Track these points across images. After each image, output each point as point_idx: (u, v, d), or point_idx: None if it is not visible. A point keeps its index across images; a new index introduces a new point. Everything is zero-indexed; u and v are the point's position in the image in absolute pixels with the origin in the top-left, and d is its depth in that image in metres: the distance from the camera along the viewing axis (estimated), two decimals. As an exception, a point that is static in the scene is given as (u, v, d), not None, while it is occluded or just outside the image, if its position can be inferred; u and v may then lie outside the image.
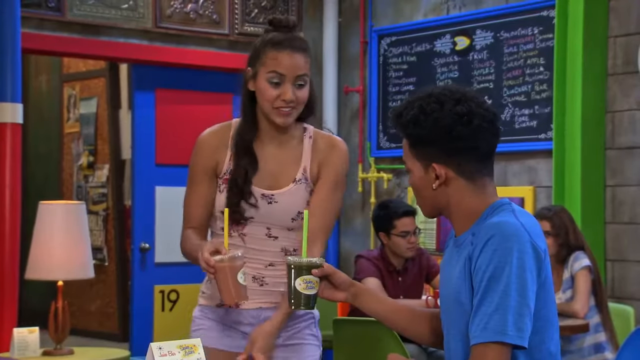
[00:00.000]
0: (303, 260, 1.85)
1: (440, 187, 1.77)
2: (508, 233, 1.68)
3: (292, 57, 2.15)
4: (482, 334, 1.65)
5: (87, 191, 7.01)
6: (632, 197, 4.25)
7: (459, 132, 1.74)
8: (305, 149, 2.21)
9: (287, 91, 2.14)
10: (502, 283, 1.65)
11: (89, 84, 7.02)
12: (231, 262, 1.98)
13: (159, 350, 1.60)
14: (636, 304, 4.14)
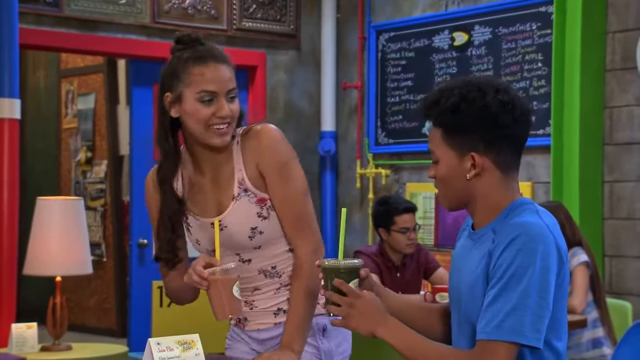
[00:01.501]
0: (341, 263, 1.77)
1: (474, 178, 1.76)
2: (534, 234, 1.68)
3: (219, 70, 1.99)
4: (496, 331, 1.65)
5: (85, 187, 7.01)
6: (630, 193, 4.25)
7: (503, 121, 1.73)
8: (235, 158, 2.04)
9: (223, 107, 1.98)
10: (523, 283, 1.65)
11: (86, 79, 7.01)
12: (225, 274, 1.90)
13: (157, 345, 1.60)
14: (634, 299, 4.14)
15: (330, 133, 5.48)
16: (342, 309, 1.75)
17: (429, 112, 1.80)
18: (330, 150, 5.44)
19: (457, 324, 1.82)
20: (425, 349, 1.73)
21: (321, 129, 5.49)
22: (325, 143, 5.44)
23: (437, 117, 1.78)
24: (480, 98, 1.74)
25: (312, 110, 5.53)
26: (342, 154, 5.53)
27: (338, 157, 5.54)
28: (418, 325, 1.84)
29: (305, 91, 5.52)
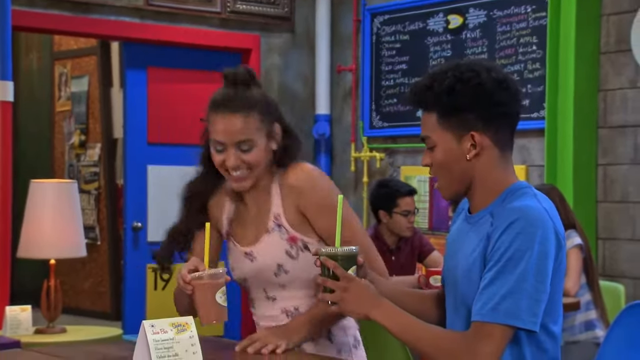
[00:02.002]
0: (338, 250, 1.78)
1: (474, 158, 1.76)
2: (533, 218, 1.68)
3: (228, 122, 1.97)
4: (491, 313, 1.65)
5: (78, 170, 6.99)
6: (624, 176, 4.26)
7: (499, 98, 1.75)
8: (273, 195, 2.03)
9: (229, 158, 1.98)
10: (520, 267, 1.65)
11: (80, 62, 6.98)
12: (211, 279, 1.88)
13: (152, 327, 1.60)
14: (627, 281, 4.16)
15: (324, 116, 5.47)
16: (336, 293, 1.75)
17: (421, 98, 1.79)
18: (325, 133, 5.43)
19: (452, 307, 1.82)
20: (419, 331, 1.74)
21: (315, 112, 5.48)
22: (320, 126, 5.43)
23: (431, 101, 1.77)
24: (474, 77, 1.75)
25: (307, 93, 5.51)
26: (336, 137, 5.53)
27: (332, 140, 5.54)
28: (410, 311, 1.84)
29: (299, 74, 5.50)
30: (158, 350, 1.58)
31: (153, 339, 1.59)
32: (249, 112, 1.98)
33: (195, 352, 1.61)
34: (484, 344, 1.65)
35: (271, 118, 2.02)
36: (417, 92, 1.80)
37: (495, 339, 1.65)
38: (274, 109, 2.05)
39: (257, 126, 1.99)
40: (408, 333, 1.74)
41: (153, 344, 1.58)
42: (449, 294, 1.85)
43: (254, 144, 1.98)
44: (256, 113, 1.99)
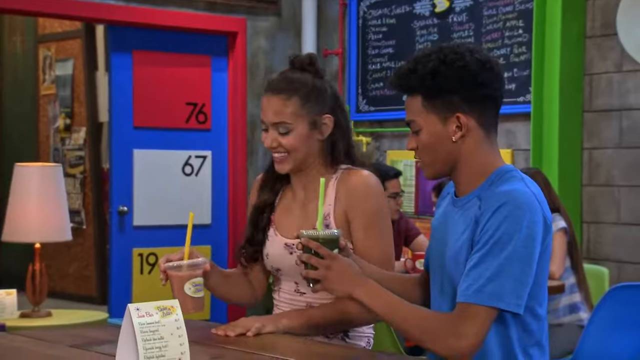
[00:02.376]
0: (320, 233, 1.77)
1: (460, 140, 1.77)
2: (521, 202, 1.69)
3: (269, 102, 2.02)
4: (476, 295, 1.66)
5: (64, 154, 6.96)
6: (608, 160, 4.28)
7: (483, 79, 1.75)
8: (329, 193, 2.04)
9: (267, 137, 2.03)
10: (507, 250, 1.66)
11: (64, 45, 6.93)
12: (177, 270, 1.89)
13: (137, 311, 1.60)
14: (611, 264, 4.19)
15: (311, 100, 5.46)
16: (320, 271, 1.75)
17: (406, 82, 1.79)
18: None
19: (438, 291, 1.82)
20: (403, 311, 1.74)
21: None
22: (306, 110, 5.41)
23: (416, 84, 1.77)
24: (458, 59, 1.75)
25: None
26: (322, 121, 5.51)
27: (319, 124, 5.52)
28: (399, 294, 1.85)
29: (285, 58, 5.46)
30: (143, 333, 1.57)
31: (138, 322, 1.58)
32: (290, 96, 2.01)
33: (181, 336, 1.61)
34: (468, 325, 1.66)
35: (319, 108, 2.03)
36: (401, 76, 1.80)
37: (479, 320, 1.66)
38: (326, 99, 2.04)
39: (296, 111, 2.00)
40: (392, 313, 1.74)
41: (138, 327, 1.57)
42: (434, 277, 1.85)
43: (290, 128, 2.01)
44: (297, 98, 2.01)
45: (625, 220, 4.22)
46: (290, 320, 1.98)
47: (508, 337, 1.73)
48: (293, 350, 1.82)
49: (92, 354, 1.79)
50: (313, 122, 2.03)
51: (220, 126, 5.29)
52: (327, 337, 2.04)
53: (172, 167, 5.12)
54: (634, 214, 4.19)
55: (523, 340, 1.75)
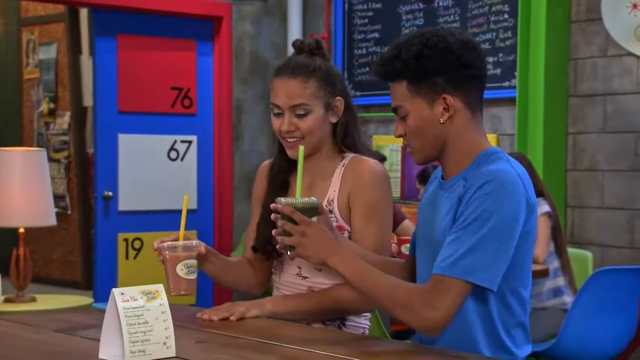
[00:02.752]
0: (298, 201, 1.76)
1: (448, 121, 1.77)
2: (505, 181, 1.70)
3: (285, 85, 2.00)
4: (450, 268, 1.67)
5: (48, 139, 6.92)
6: (593, 144, 4.30)
7: (467, 59, 1.76)
8: (334, 179, 2.04)
9: (284, 122, 2.00)
10: (486, 227, 1.67)
11: (47, 28, 6.87)
12: (171, 251, 1.89)
13: (121, 295, 1.59)
14: (594, 249, 4.22)
15: (296, 85, 5.45)
16: (294, 237, 1.75)
17: (390, 68, 1.79)
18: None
19: (425, 272, 1.82)
20: (377, 281, 1.74)
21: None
22: (292, 95, 5.40)
23: (400, 69, 1.77)
24: (441, 41, 1.76)
25: (279, 61, 5.46)
26: (308, 105, 5.51)
27: (304, 109, 5.52)
28: None
29: (271, 42, 5.46)
30: (128, 317, 1.57)
31: (123, 306, 1.58)
32: (307, 78, 2.00)
33: (166, 320, 1.61)
34: (442, 298, 1.67)
35: (332, 90, 2.03)
36: (384, 63, 1.80)
37: (452, 293, 1.67)
38: (337, 82, 2.06)
39: (315, 93, 2.00)
40: (365, 281, 1.74)
41: (123, 312, 1.57)
42: (421, 259, 1.86)
43: (309, 109, 2.00)
44: (314, 80, 2.01)
45: (609, 205, 4.25)
46: (275, 306, 1.98)
47: (490, 316, 1.74)
48: (276, 334, 1.82)
49: (76, 338, 1.79)
50: (327, 104, 2.03)
51: (205, 111, 5.27)
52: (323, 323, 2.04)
53: (158, 152, 5.10)
54: (617, 199, 4.22)
55: (505, 320, 1.76)
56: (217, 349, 1.69)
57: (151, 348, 1.58)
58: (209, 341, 1.76)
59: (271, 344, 1.75)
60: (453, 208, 1.75)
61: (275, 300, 2.02)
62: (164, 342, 1.59)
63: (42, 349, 1.71)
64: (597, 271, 3.38)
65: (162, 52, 5.09)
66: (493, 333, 1.74)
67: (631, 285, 3.38)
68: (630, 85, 4.17)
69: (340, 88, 2.06)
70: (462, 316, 1.72)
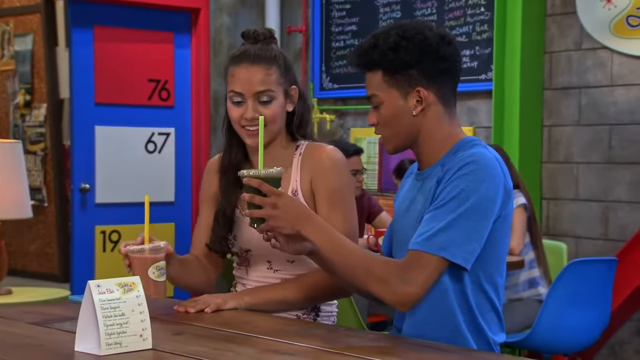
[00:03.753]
0: (261, 172, 1.69)
1: (420, 113, 1.78)
2: (484, 163, 1.71)
3: (249, 72, 1.98)
4: (425, 243, 1.68)
5: (24, 131, 6.86)
6: (568, 137, 4.34)
7: (443, 53, 1.78)
8: (294, 168, 2.03)
9: (248, 109, 1.98)
10: (463, 206, 1.68)
11: (23, 19, 6.80)
12: (139, 253, 1.86)
13: (97, 287, 1.59)
14: (569, 240, 4.27)
15: (274, 77, 5.44)
16: (265, 210, 1.69)
17: (367, 58, 1.80)
18: (275, 94, 5.41)
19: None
20: (351, 253, 1.73)
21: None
22: (270, 87, 5.40)
23: (377, 59, 1.79)
24: (418, 34, 1.78)
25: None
26: (286, 98, 5.51)
27: (282, 101, 5.52)
28: None
29: (249, 34, 5.45)
30: (104, 310, 1.57)
31: (99, 298, 1.58)
32: (270, 65, 2.00)
33: (142, 312, 1.61)
34: (416, 273, 1.68)
35: (289, 78, 2.04)
36: (361, 53, 1.81)
37: (427, 269, 1.68)
38: (292, 71, 2.06)
39: (277, 80, 2.00)
40: (340, 253, 1.72)
41: (99, 304, 1.57)
42: (399, 252, 1.86)
43: (273, 96, 2.00)
44: (276, 67, 2.00)
45: (584, 197, 4.29)
46: (252, 297, 1.98)
47: (466, 298, 1.75)
48: (252, 326, 1.83)
49: (52, 331, 1.78)
50: (286, 92, 2.04)
51: (183, 103, 5.25)
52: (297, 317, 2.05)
53: (135, 144, 5.09)
54: (591, 191, 4.26)
55: (481, 305, 1.77)
56: (194, 340, 1.69)
57: (127, 340, 1.58)
58: (186, 333, 1.76)
59: (248, 335, 1.75)
60: (431, 192, 1.76)
61: (252, 291, 2.02)
62: (140, 334, 1.60)
63: (17, 341, 1.71)
64: (572, 262, 3.42)
65: (140, 44, 5.07)
66: (470, 314, 1.75)
67: (604, 276, 3.43)
68: (605, 78, 4.21)
69: (294, 76, 2.07)
70: (442, 298, 1.73)
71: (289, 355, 1.59)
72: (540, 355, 3.59)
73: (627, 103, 4.14)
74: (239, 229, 2.08)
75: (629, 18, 4.12)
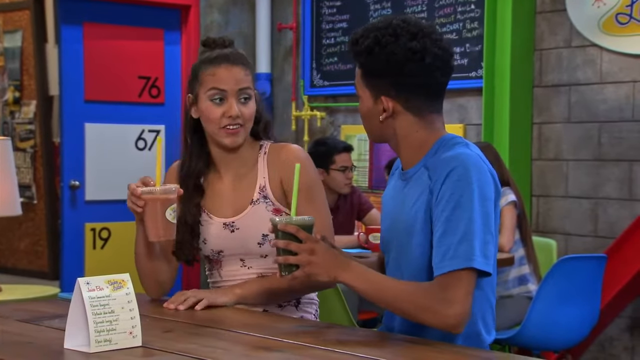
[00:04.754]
0: (294, 219, 1.70)
1: (387, 120, 1.78)
2: (469, 164, 1.71)
3: (231, 70, 2.03)
4: (451, 262, 1.67)
5: (13, 128, 6.84)
6: (557, 134, 4.36)
7: (410, 69, 1.74)
8: (260, 167, 2.07)
9: (232, 106, 2.01)
10: (466, 212, 1.68)
11: (12, 16, 6.77)
12: (163, 194, 1.89)
13: (87, 285, 1.59)
14: (559, 237, 4.28)
15: (265, 75, 5.44)
16: (302, 256, 1.69)
17: (350, 51, 1.82)
18: (266, 92, 5.40)
19: (394, 263, 1.83)
20: (392, 289, 1.71)
21: (256, 70, 5.44)
22: (260, 85, 5.40)
23: (356, 57, 1.80)
24: (391, 43, 1.74)
25: (247, 51, 5.45)
26: (277, 96, 5.51)
27: (273, 99, 5.51)
28: None
29: (239, 32, 5.45)
30: (94, 307, 1.57)
31: (88, 296, 1.58)
32: (246, 67, 2.07)
33: (132, 309, 1.61)
34: (454, 292, 1.67)
35: (253, 81, 2.10)
36: (349, 44, 1.82)
37: (462, 284, 1.67)
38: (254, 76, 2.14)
39: (252, 81, 2.08)
40: (383, 293, 1.71)
41: (88, 301, 1.57)
42: (389, 250, 1.86)
43: (251, 95, 2.06)
44: (250, 70, 2.08)
45: (573, 194, 4.31)
46: (243, 290, 2.00)
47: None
48: (242, 323, 1.83)
49: (42, 328, 1.78)
50: (255, 94, 2.10)
51: (173, 100, 5.24)
52: (280, 307, 2.06)
53: (125, 141, 5.07)
54: (581, 188, 4.28)
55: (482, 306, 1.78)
56: (184, 338, 1.69)
57: (117, 337, 1.58)
58: (175, 330, 1.76)
59: (238, 332, 1.75)
60: (422, 197, 1.75)
61: (242, 285, 2.03)
62: (130, 332, 1.59)
63: (7, 339, 1.70)
64: (561, 259, 3.43)
65: (130, 40, 5.05)
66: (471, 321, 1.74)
67: (594, 273, 3.44)
68: (594, 75, 4.23)
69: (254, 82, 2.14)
70: None
71: (279, 352, 1.59)
72: (530, 352, 3.60)
73: (617, 100, 4.16)
74: (208, 232, 2.09)
75: (618, 15, 4.14)
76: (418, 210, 1.76)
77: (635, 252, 3.93)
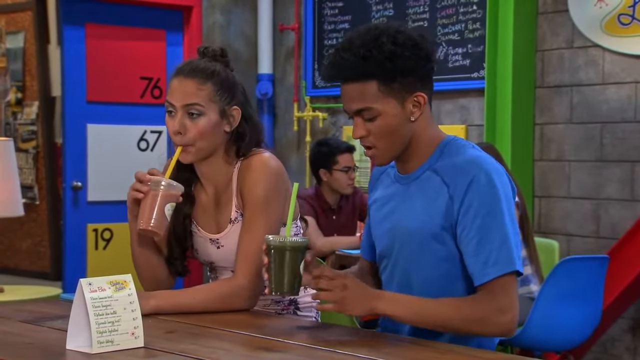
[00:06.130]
0: (287, 241, 1.68)
1: (418, 118, 1.78)
2: (489, 169, 1.72)
3: (181, 84, 1.96)
4: (495, 268, 1.68)
5: (15, 128, 6.84)
6: (560, 135, 4.36)
7: (430, 53, 1.78)
8: (234, 184, 2.03)
9: (174, 122, 1.95)
10: (498, 217, 1.70)
11: (15, 17, 6.78)
12: (169, 186, 1.89)
13: (89, 286, 1.59)
14: (561, 238, 4.28)
15: (267, 76, 5.44)
16: (335, 293, 1.67)
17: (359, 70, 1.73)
18: (268, 93, 5.41)
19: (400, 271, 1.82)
20: (433, 309, 1.70)
21: (258, 71, 5.45)
22: (262, 86, 5.40)
23: (373, 70, 1.72)
24: (408, 38, 1.75)
25: (249, 52, 5.47)
26: (279, 97, 5.51)
27: (275, 100, 5.52)
28: None
29: (241, 33, 5.45)
30: (96, 308, 1.57)
31: (91, 297, 1.58)
32: (204, 81, 1.97)
33: (134, 310, 1.61)
34: (504, 298, 1.68)
35: (230, 98, 2.00)
36: (352, 67, 1.73)
37: (510, 289, 1.69)
38: (237, 91, 2.02)
39: (210, 97, 1.97)
40: (424, 315, 1.70)
41: (90, 302, 1.57)
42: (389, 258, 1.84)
43: (202, 111, 1.96)
44: (211, 84, 1.98)
45: (575, 195, 4.30)
46: (159, 301, 1.90)
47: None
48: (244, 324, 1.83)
49: (44, 329, 1.78)
50: (223, 111, 1.99)
51: (175, 101, 5.24)
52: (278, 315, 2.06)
53: (127, 142, 5.08)
54: (583, 189, 4.28)
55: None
56: (186, 338, 1.70)
57: (119, 338, 1.58)
58: (177, 331, 1.76)
59: (239, 333, 1.75)
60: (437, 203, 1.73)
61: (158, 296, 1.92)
62: (132, 333, 1.60)
63: (8, 340, 1.71)
64: (563, 260, 3.43)
65: (132, 41, 5.06)
66: None
67: (596, 274, 3.44)
68: (596, 76, 4.22)
69: (240, 98, 2.03)
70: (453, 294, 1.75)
71: (280, 353, 1.59)
72: (532, 353, 3.60)
73: (619, 101, 4.16)
74: (198, 244, 2.09)
75: (620, 16, 4.13)
76: (433, 217, 1.74)
77: (637, 253, 3.93)
